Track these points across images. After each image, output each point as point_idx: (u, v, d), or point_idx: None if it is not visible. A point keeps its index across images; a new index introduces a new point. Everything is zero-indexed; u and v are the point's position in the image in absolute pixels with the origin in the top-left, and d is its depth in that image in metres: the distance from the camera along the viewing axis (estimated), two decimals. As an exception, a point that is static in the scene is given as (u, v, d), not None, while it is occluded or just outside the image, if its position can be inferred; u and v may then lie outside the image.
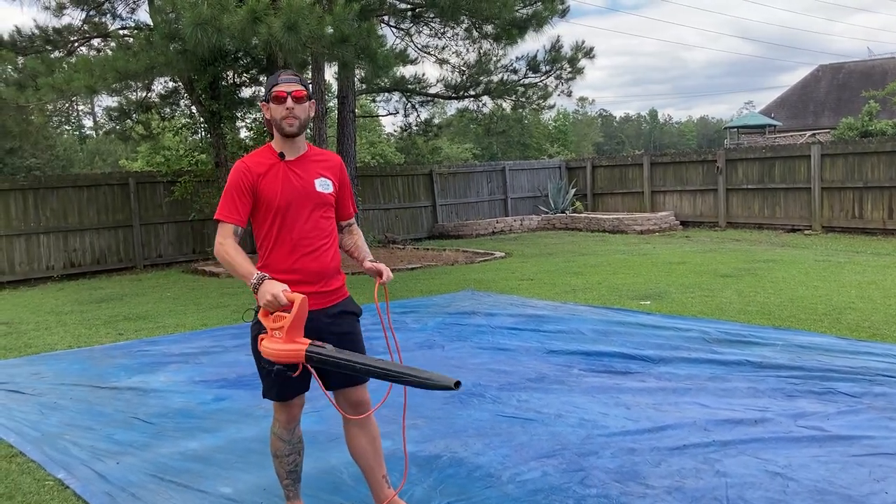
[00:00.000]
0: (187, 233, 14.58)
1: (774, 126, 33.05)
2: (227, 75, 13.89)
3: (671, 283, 9.25)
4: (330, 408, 4.61)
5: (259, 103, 2.87)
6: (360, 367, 2.71)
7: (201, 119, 14.03)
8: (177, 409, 5.05)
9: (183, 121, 15.34)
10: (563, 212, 19.00)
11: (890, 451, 3.78)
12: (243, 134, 15.62)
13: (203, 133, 14.57)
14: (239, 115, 14.64)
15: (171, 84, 14.79)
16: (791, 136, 31.27)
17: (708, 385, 5.02)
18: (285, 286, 2.84)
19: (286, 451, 3.19)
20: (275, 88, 3.00)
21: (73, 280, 12.95)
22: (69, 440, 4.49)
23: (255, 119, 15.26)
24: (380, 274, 3.10)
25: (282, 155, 3.05)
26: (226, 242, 3.00)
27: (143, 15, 16.71)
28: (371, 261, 3.17)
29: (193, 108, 14.41)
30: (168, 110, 15.52)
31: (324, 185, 3.10)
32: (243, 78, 14.55)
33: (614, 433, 4.18)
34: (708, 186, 17.12)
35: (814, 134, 29.72)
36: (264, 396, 3.12)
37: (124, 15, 14.17)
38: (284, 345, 2.75)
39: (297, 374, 2.84)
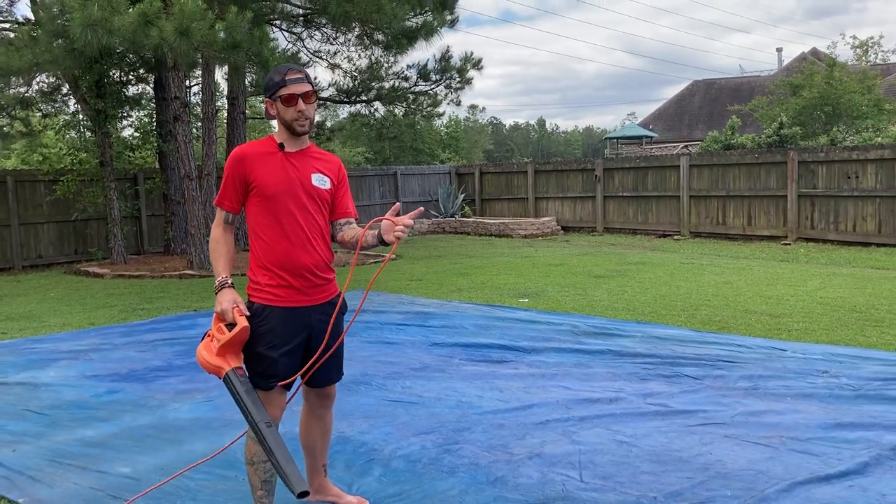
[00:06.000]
0: (69, 233, 14.22)
1: (651, 137, 34.95)
2: (114, 73, 13.68)
3: (549, 283, 9.89)
4: (223, 396, 4.86)
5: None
6: (250, 421, 2.80)
7: (85, 117, 13.73)
8: (70, 401, 5.15)
9: (65, 118, 14.94)
10: (452, 216, 19.58)
11: (719, 421, 4.40)
12: (128, 133, 15.38)
13: (87, 132, 14.24)
14: (125, 113, 14.41)
15: (53, 80, 14.40)
16: (666, 147, 33.15)
17: (573, 371, 5.58)
18: (239, 302, 2.97)
19: (263, 456, 2.99)
20: (284, 90, 2.99)
21: (-55, 281, 12.43)
22: (-41, 433, 4.54)
23: (141, 118, 15.05)
24: (389, 229, 2.85)
25: (281, 146, 3.05)
26: (216, 231, 3.10)
27: (24, 8, 16.17)
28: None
29: (78, 105, 14.08)
30: (50, 107, 15.08)
31: (320, 181, 3.09)
32: (130, 77, 14.35)
33: (487, 412, 4.64)
34: (587, 194, 18.08)
35: (686, 146, 31.62)
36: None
37: (4, 7, 13.74)
38: (212, 356, 2.91)
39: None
